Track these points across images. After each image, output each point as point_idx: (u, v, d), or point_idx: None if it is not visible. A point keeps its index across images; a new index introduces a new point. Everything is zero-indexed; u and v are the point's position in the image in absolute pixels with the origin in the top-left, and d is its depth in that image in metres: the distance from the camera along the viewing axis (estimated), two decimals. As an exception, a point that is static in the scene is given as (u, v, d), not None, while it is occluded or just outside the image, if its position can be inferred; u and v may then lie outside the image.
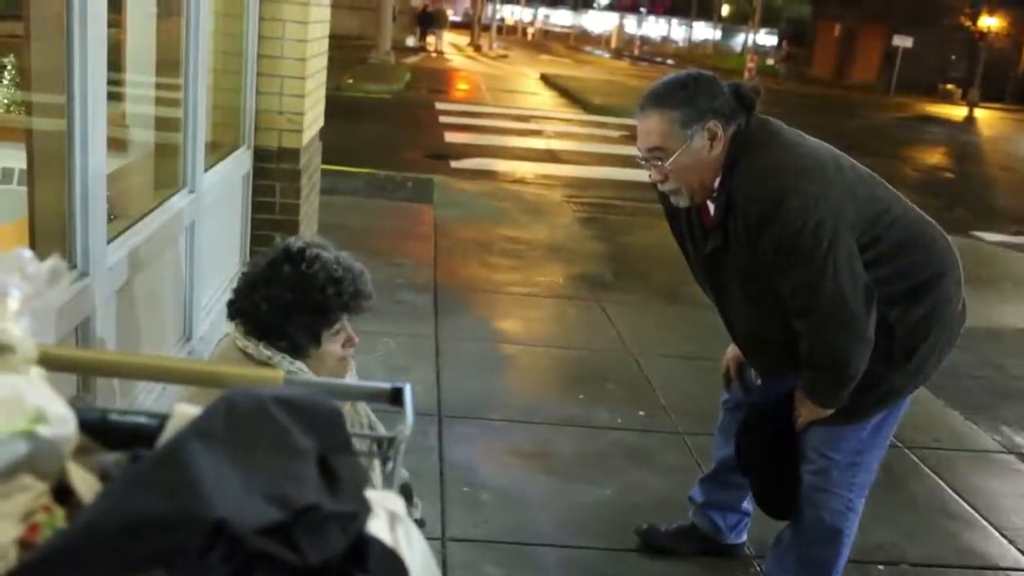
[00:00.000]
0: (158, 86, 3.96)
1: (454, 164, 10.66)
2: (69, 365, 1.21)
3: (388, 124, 13.82)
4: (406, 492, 2.35)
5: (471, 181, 9.57)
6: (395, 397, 1.15)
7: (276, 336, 1.99)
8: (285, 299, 1.96)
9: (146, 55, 3.86)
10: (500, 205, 8.48)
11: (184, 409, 0.91)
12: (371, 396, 1.24)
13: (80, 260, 2.47)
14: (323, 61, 5.20)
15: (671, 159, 2.34)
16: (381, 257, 6.03)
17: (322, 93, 5.32)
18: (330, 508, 0.80)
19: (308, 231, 4.95)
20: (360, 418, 2.07)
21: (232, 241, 4.47)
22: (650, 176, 2.44)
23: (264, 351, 1.99)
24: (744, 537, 3.20)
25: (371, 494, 0.91)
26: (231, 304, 2.06)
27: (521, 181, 10.11)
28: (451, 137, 12.90)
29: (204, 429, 0.80)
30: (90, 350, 2.36)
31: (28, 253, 0.96)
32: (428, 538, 0.99)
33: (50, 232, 2.47)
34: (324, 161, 5.70)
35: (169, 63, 3.67)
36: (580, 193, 9.48)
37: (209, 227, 3.82)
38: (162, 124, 3.93)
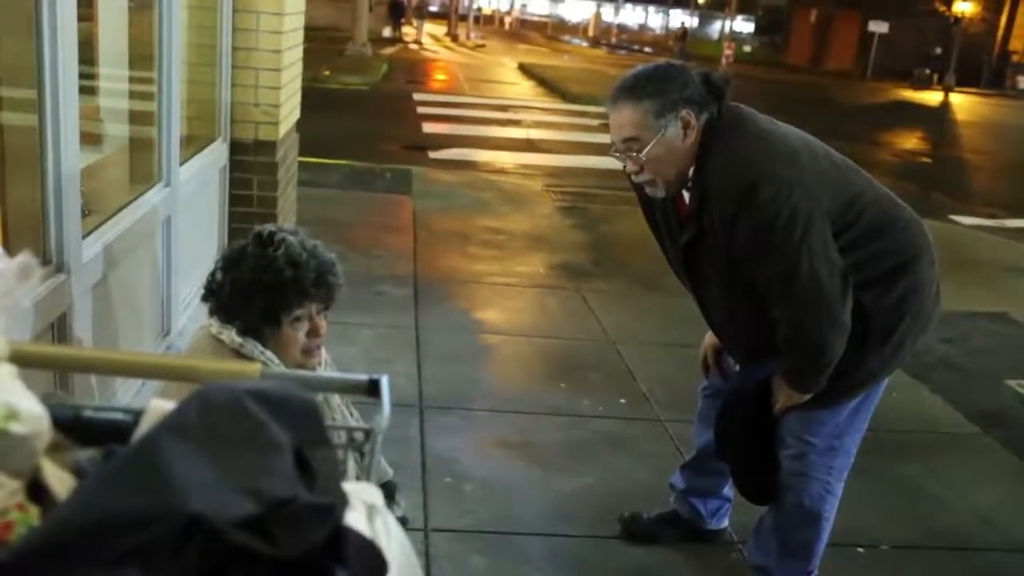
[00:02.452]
0: (132, 80, 3.93)
1: (432, 155, 10.62)
2: (43, 362, 1.20)
3: (366, 116, 13.75)
4: (389, 490, 2.35)
5: (450, 172, 9.54)
6: (372, 389, 1.15)
7: (235, 316, 2.00)
8: (245, 280, 1.98)
9: (119, 49, 3.83)
10: (479, 195, 8.46)
11: (159, 404, 0.91)
12: (348, 388, 1.23)
13: (55, 256, 2.45)
14: (299, 53, 5.17)
15: (646, 149, 2.34)
16: (360, 249, 6.02)
17: (298, 85, 5.29)
18: (307, 500, 0.80)
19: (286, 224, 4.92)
20: (333, 412, 2.06)
21: (209, 235, 4.45)
22: (625, 168, 2.44)
23: (236, 338, 2.00)
24: (726, 523, 3.22)
25: (349, 486, 0.91)
26: (205, 286, 2.08)
27: (500, 171, 10.09)
28: (429, 128, 12.86)
29: (178, 424, 0.80)
30: (65, 346, 2.35)
31: (-2, 250, 0.95)
32: (411, 530, 0.99)
33: (24, 228, 2.45)
34: (302, 153, 5.66)
35: (142, 56, 3.64)
36: (560, 182, 9.48)
37: (186, 221, 3.80)
38: (136, 118, 3.90)
